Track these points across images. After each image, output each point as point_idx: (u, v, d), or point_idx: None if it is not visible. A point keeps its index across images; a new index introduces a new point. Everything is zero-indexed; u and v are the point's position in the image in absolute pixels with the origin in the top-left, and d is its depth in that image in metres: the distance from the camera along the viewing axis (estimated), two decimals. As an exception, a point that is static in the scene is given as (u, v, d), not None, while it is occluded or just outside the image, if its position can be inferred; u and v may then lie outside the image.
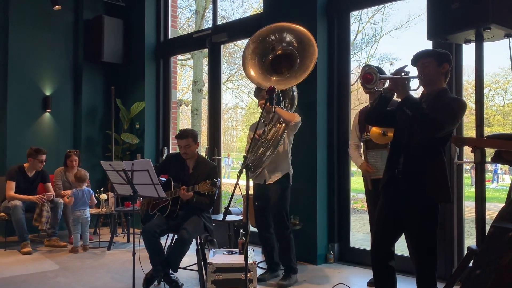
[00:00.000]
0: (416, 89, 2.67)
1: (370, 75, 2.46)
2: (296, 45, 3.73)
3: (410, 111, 2.50)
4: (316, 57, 3.61)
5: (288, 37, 3.77)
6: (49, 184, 5.36)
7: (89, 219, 5.06)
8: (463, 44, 2.77)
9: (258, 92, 3.86)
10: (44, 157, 5.26)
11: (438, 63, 2.59)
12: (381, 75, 2.55)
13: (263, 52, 3.83)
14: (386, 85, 2.73)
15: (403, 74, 2.56)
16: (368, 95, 3.57)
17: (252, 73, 3.80)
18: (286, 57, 3.78)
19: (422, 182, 2.53)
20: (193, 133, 3.75)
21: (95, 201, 5.29)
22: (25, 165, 5.25)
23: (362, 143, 3.76)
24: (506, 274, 1.59)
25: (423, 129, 2.49)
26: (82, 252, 4.96)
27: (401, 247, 3.56)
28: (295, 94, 3.93)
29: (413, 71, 2.66)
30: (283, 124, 3.66)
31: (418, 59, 2.64)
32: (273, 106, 3.70)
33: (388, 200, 2.69)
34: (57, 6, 5.67)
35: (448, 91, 2.65)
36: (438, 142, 2.54)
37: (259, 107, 3.88)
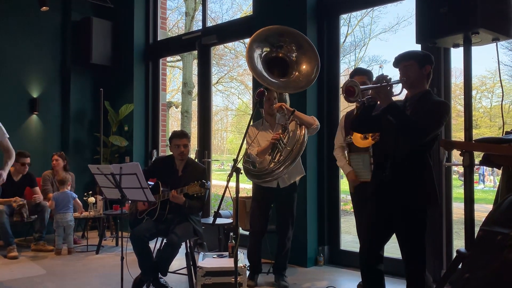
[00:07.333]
0: (399, 93, 2.67)
1: (352, 87, 2.45)
2: (294, 58, 3.56)
3: (394, 119, 2.49)
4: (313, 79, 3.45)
5: (294, 46, 3.58)
6: (37, 188, 5.29)
7: (71, 223, 4.98)
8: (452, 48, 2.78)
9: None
10: (27, 160, 5.17)
11: (420, 65, 2.58)
12: (363, 86, 2.53)
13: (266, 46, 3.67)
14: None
15: (384, 81, 2.52)
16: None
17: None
18: (282, 61, 3.65)
19: (409, 187, 2.53)
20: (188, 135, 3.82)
21: (80, 204, 5.22)
22: (11, 169, 5.16)
23: (346, 145, 3.76)
24: (495, 279, 1.60)
25: (407, 137, 2.49)
26: (66, 254, 4.90)
27: (391, 249, 3.57)
28: (287, 98, 3.91)
29: (395, 73, 2.66)
30: (303, 129, 3.56)
31: (400, 62, 2.62)
32: (293, 109, 3.59)
33: (377, 205, 2.68)
34: (44, 7, 5.60)
35: (432, 92, 2.66)
36: (423, 146, 2.54)
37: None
